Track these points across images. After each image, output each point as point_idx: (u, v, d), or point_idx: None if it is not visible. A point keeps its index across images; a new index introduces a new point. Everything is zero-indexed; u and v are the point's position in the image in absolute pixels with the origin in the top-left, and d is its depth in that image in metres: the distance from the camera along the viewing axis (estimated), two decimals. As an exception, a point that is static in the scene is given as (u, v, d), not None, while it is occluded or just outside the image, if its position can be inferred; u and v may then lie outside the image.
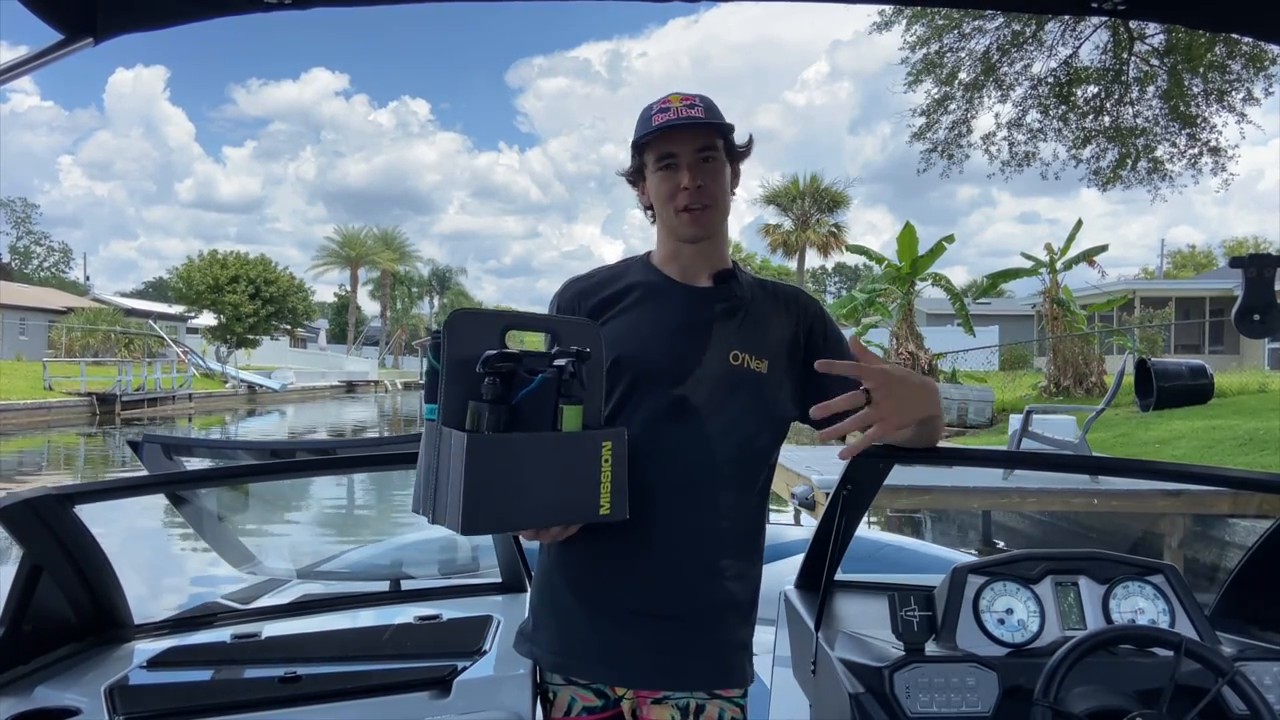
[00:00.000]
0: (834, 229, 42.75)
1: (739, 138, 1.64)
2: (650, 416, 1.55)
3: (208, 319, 47.19)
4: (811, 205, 42.48)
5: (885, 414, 1.36)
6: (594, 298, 1.66)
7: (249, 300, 44.95)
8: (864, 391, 1.37)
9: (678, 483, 1.54)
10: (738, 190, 1.68)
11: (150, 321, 44.96)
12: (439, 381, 1.37)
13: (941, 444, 1.65)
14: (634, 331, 1.60)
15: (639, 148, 1.61)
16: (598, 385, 1.46)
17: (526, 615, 1.70)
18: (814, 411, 1.44)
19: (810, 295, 1.75)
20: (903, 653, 1.65)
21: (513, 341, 1.40)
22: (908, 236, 17.67)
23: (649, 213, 1.68)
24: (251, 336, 46.47)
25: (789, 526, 6.34)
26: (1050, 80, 16.47)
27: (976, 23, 15.72)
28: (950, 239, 18.19)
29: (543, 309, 1.72)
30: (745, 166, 1.67)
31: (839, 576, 2.09)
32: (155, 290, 68.56)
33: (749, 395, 1.57)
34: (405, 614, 2.21)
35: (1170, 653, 1.46)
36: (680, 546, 1.55)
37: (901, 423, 1.39)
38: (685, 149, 1.56)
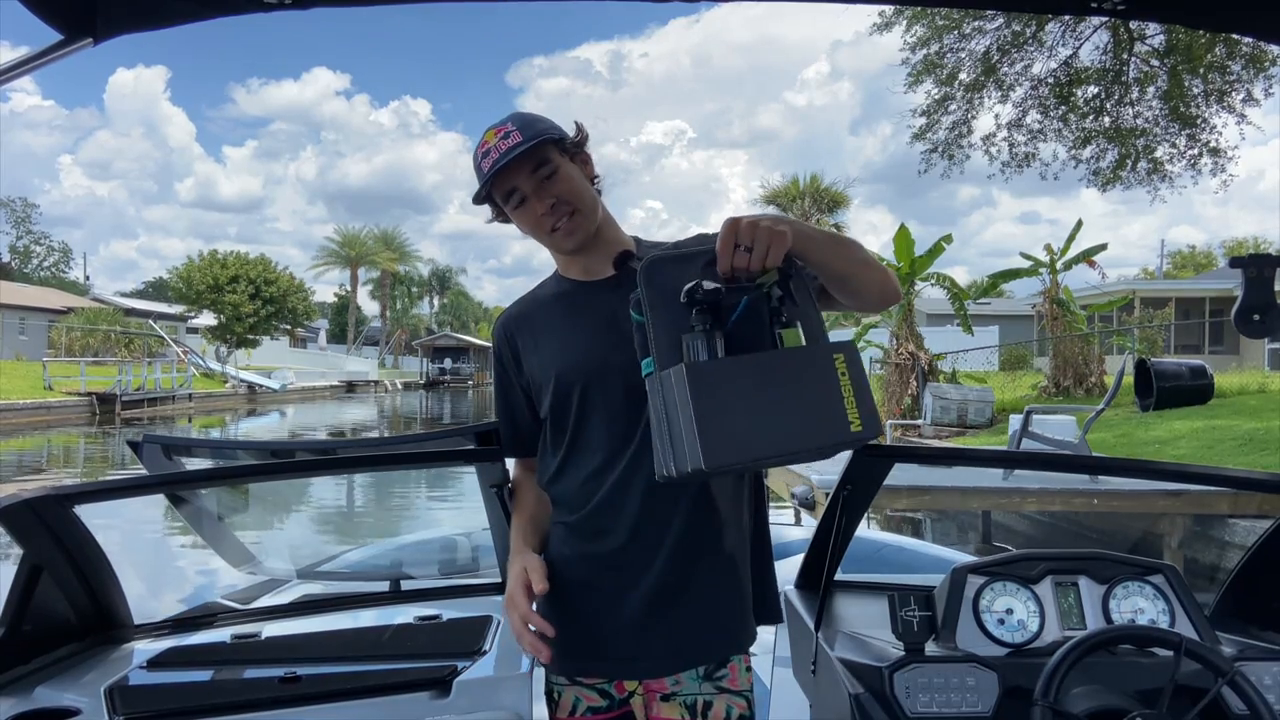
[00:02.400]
0: (834, 229, 42.75)
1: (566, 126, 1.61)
2: (606, 417, 1.58)
3: (208, 319, 47.19)
4: (811, 205, 42.43)
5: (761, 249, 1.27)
6: (520, 326, 1.70)
7: (249, 300, 44.93)
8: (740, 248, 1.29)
9: (650, 469, 1.54)
10: (599, 176, 1.65)
11: (150, 321, 44.95)
12: (647, 332, 1.32)
13: (941, 444, 1.65)
14: (563, 345, 1.63)
15: (488, 197, 1.59)
16: (810, 300, 1.37)
17: None
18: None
19: (712, 236, 1.73)
20: (903, 653, 1.65)
21: None
22: (903, 238, 17.67)
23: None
24: (251, 336, 46.45)
25: (789, 526, 6.34)
26: (1050, 81, 16.48)
27: (976, 23, 15.73)
28: (948, 239, 18.17)
29: None
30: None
31: (839, 576, 2.09)
32: (155, 290, 68.54)
33: None
34: (405, 614, 2.21)
35: (1170, 653, 1.46)
36: (672, 529, 1.57)
37: (770, 234, 1.28)
38: (522, 178, 1.54)
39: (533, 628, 1.49)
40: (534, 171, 1.54)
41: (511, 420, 1.75)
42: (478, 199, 1.59)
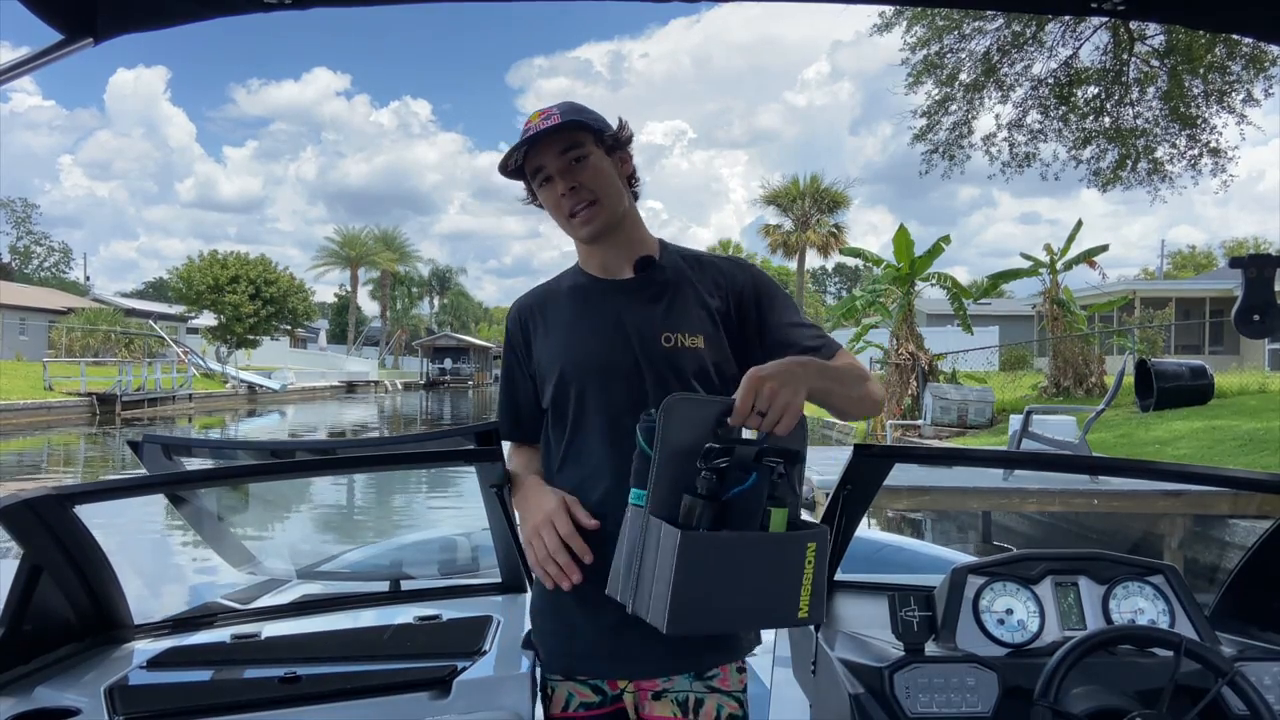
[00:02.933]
0: (834, 229, 42.74)
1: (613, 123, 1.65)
2: (606, 416, 1.58)
3: (208, 319, 47.15)
4: (812, 206, 42.47)
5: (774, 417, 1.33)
6: (533, 314, 1.71)
7: (249, 300, 44.90)
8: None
9: None
10: (638, 179, 1.69)
11: (150, 321, 44.96)
12: (650, 468, 1.34)
13: (941, 444, 1.65)
14: (568, 340, 1.64)
15: (519, 172, 1.62)
16: (799, 484, 1.42)
17: (527, 623, 1.72)
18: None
19: (745, 263, 1.74)
20: (903, 653, 1.65)
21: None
22: (902, 239, 17.68)
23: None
24: (251, 337, 46.42)
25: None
26: (1050, 81, 16.48)
27: (977, 24, 15.73)
28: (947, 240, 18.18)
29: None
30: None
31: (839, 576, 2.09)
32: (155, 290, 68.55)
33: (693, 373, 1.59)
34: (405, 614, 2.20)
35: (1170, 653, 1.46)
36: None
37: (785, 406, 1.34)
38: (551, 158, 1.57)
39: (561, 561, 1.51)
40: (563, 152, 1.57)
41: (514, 403, 1.74)
42: (503, 168, 1.61)
